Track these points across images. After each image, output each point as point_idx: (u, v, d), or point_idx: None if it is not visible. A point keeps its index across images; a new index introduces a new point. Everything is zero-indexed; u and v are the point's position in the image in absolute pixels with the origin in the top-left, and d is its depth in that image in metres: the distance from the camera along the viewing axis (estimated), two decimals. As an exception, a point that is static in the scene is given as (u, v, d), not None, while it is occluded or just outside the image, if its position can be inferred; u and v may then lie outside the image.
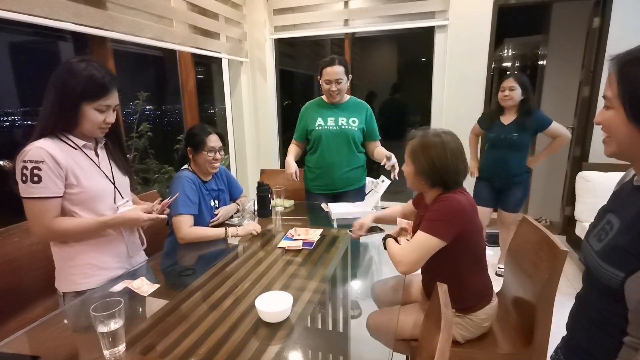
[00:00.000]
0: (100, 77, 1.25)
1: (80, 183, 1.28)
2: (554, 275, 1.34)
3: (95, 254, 1.37)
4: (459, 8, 3.21)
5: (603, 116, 0.84)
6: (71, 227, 1.28)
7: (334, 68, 2.15)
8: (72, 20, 1.99)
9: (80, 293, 1.34)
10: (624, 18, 2.86)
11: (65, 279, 1.35)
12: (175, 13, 2.75)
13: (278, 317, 1.12)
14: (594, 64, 3.06)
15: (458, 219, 1.28)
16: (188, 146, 1.87)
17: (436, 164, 1.31)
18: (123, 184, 1.47)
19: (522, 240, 1.63)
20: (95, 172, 1.35)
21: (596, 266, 0.83)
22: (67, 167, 1.25)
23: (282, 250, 1.65)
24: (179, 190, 1.74)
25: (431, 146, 1.32)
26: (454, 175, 1.33)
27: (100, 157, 1.39)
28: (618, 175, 2.97)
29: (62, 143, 1.27)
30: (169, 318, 1.17)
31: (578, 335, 0.93)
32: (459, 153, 1.33)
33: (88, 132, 1.31)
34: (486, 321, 1.46)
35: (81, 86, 1.22)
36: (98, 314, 0.97)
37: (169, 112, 3.70)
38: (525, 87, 2.50)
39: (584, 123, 3.19)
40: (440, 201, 1.33)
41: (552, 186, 4.16)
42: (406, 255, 1.30)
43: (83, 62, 1.25)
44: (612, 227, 0.84)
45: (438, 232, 1.27)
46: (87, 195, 1.31)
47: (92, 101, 1.25)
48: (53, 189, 1.22)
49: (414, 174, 1.38)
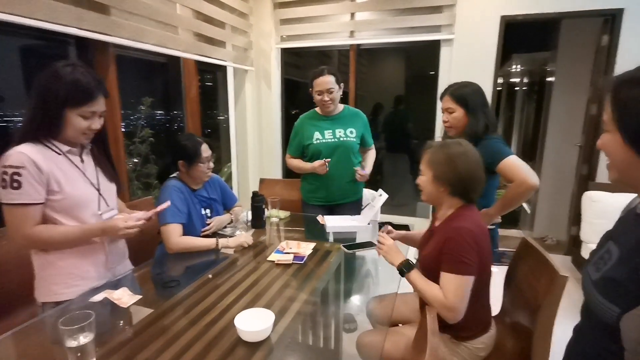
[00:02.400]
0: (85, 82, 1.21)
1: (62, 189, 1.24)
2: (553, 302, 1.28)
3: (77, 263, 1.33)
4: (465, 22, 3.18)
5: (602, 140, 0.81)
6: (51, 235, 1.24)
7: (325, 78, 2.14)
8: (75, 25, 2.00)
9: (60, 303, 1.30)
10: (633, 36, 2.81)
11: (45, 288, 1.31)
12: (181, 20, 2.76)
13: (258, 336, 1.08)
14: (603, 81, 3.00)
15: (476, 249, 1.24)
16: (179, 159, 1.80)
17: (461, 172, 1.29)
18: (108, 191, 1.43)
19: (522, 263, 1.57)
20: (79, 178, 1.31)
21: (592, 298, 0.78)
22: (49, 173, 1.21)
23: (271, 264, 1.60)
24: (167, 199, 1.70)
25: (455, 155, 1.30)
26: (476, 184, 1.31)
27: (85, 163, 1.35)
28: (625, 196, 2.87)
29: (46, 148, 1.24)
30: (148, 331, 1.13)
31: None
32: (479, 163, 1.31)
33: (71, 138, 1.27)
34: (482, 350, 1.40)
35: (65, 91, 1.19)
36: (66, 328, 0.93)
37: (173, 118, 3.70)
38: (467, 105, 1.71)
39: (591, 141, 3.12)
40: (454, 235, 1.26)
41: (558, 204, 4.07)
42: (454, 303, 1.22)
43: (69, 67, 1.21)
44: (611, 257, 0.79)
45: (466, 270, 1.22)
46: (69, 202, 1.27)
47: (75, 107, 1.21)
48: (33, 196, 1.19)
49: (431, 181, 1.34)
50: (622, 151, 0.75)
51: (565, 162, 3.98)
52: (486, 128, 1.70)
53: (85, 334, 0.95)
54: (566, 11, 2.94)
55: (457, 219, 1.31)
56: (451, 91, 1.76)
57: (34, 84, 1.21)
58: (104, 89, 1.28)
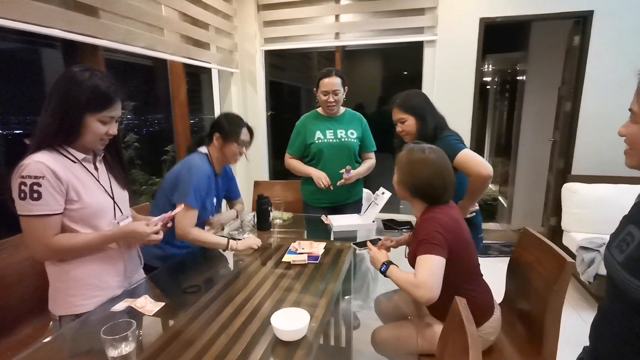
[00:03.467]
0: (105, 87, 1.20)
1: (81, 199, 1.21)
2: (562, 287, 1.36)
3: (96, 273, 1.29)
4: (447, 24, 3.30)
5: (628, 129, 0.85)
6: (72, 244, 1.20)
7: (332, 79, 2.16)
8: (65, 28, 1.93)
9: (79, 316, 1.25)
10: (603, 36, 3.01)
11: (62, 300, 1.26)
12: (167, 22, 2.71)
13: (295, 335, 1.09)
14: (575, 79, 3.19)
15: (444, 234, 1.32)
16: (217, 131, 1.77)
17: (415, 177, 1.40)
18: (122, 199, 1.40)
19: (525, 252, 1.65)
20: (95, 186, 1.28)
21: (621, 278, 0.83)
22: (67, 182, 1.18)
23: (287, 265, 1.62)
24: (192, 179, 1.65)
25: (414, 161, 1.41)
26: (431, 191, 1.40)
27: (99, 171, 1.32)
28: (602, 186, 3.06)
29: (61, 156, 1.20)
30: (181, 337, 1.11)
31: (602, 348, 0.93)
32: (440, 171, 1.39)
33: (89, 145, 1.24)
34: (492, 335, 1.47)
35: (85, 97, 1.16)
36: (110, 337, 0.92)
37: (157, 122, 3.62)
38: (415, 112, 1.81)
39: (566, 136, 3.31)
40: (423, 224, 1.39)
41: (533, 197, 4.29)
42: (423, 281, 1.26)
43: (87, 72, 1.19)
44: (634, 238, 0.84)
45: (436, 251, 1.29)
46: (87, 211, 1.24)
47: (96, 112, 1.19)
48: (54, 206, 1.15)
49: (397, 184, 1.49)
50: None
51: (538, 157, 4.19)
52: (436, 128, 1.81)
53: (127, 343, 0.94)
54: (541, 13, 3.11)
55: (428, 213, 1.42)
56: (398, 103, 1.86)
57: (51, 89, 1.17)
58: (122, 94, 1.26)
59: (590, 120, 3.16)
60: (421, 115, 1.81)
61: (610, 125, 3.06)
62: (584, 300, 2.73)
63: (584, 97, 3.14)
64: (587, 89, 3.12)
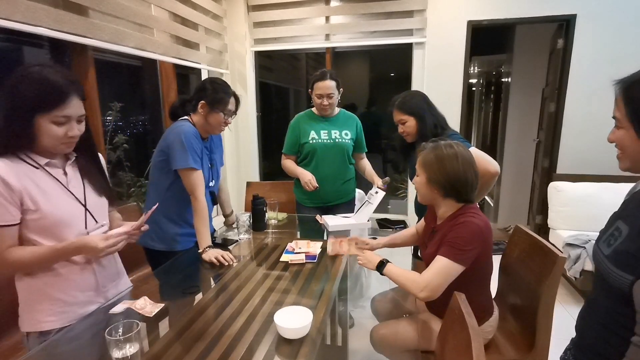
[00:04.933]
0: (54, 81, 1.05)
1: (39, 208, 1.10)
2: (554, 281, 1.40)
3: (63, 287, 1.19)
4: (436, 27, 3.35)
5: (615, 135, 0.90)
6: (26, 257, 1.09)
7: (326, 82, 2.17)
8: (53, 27, 1.89)
9: (44, 333, 1.16)
10: (586, 39, 3.11)
11: (28, 315, 1.17)
12: (157, 22, 2.69)
13: (298, 333, 1.10)
14: (559, 81, 3.28)
15: (479, 243, 1.30)
16: (202, 99, 1.69)
17: (450, 174, 1.33)
18: (97, 206, 1.26)
19: (517, 248, 1.70)
20: (60, 193, 1.16)
21: (606, 270, 0.88)
22: (21, 190, 1.06)
23: (285, 264, 1.62)
24: (183, 140, 1.60)
25: (446, 157, 1.34)
26: (466, 185, 1.34)
27: (69, 176, 1.19)
28: (587, 185, 3.14)
29: (20, 162, 1.09)
30: (184, 338, 1.11)
31: (588, 336, 0.98)
32: (472, 165, 1.35)
33: (49, 149, 1.12)
34: (490, 333, 1.51)
35: (33, 94, 1.04)
36: (114, 338, 0.91)
37: (145, 123, 3.57)
38: (414, 112, 1.85)
39: (551, 137, 3.40)
40: (459, 225, 1.32)
41: (518, 196, 4.39)
42: (430, 280, 1.27)
43: (37, 66, 1.06)
44: (621, 233, 0.89)
45: (460, 259, 1.27)
46: (48, 221, 1.12)
47: (46, 112, 1.05)
48: (5, 217, 1.05)
49: (425, 184, 1.39)
50: (636, 145, 0.85)
51: (523, 157, 4.30)
52: (436, 127, 1.84)
53: (132, 344, 0.93)
54: (526, 17, 3.19)
55: (462, 216, 1.36)
56: (397, 105, 1.89)
57: (1, 89, 1.06)
58: (79, 90, 1.11)
59: (574, 120, 3.25)
60: (420, 115, 1.84)
61: (594, 126, 3.18)
62: (570, 295, 2.81)
63: (567, 98, 3.24)
64: (571, 90, 3.22)
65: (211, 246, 1.67)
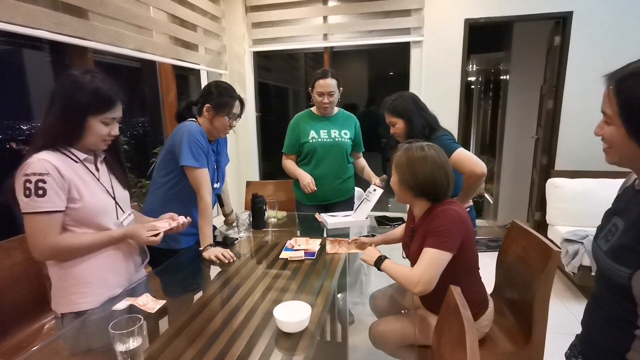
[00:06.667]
0: (106, 89, 1.23)
1: (82, 197, 1.23)
2: (549, 276, 1.42)
3: (96, 271, 1.30)
4: (433, 25, 3.38)
5: (603, 130, 0.88)
6: (76, 244, 1.22)
7: (327, 81, 2.19)
8: (54, 30, 1.92)
9: (80, 314, 1.26)
10: (582, 36, 3.13)
11: (64, 299, 1.27)
12: (155, 24, 2.71)
13: (297, 327, 1.12)
14: (557, 78, 3.30)
15: (461, 228, 1.33)
16: (208, 102, 1.72)
17: (419, 176, 1.36)
18: (123, 199, 1.42)
19: (513, 243, 1.72)
20: (96, 187, 1.30)
21: (605, 265, 0.88)
22: (70, 180, 1.20)
23: (284, 261, 1.64)
24: (191, 139, 1.63)
25: (415, 159, 1.37)
26: (435, 188, 1.37)
27: (100, 171, 1.34)
28: (585, 181, 3.16)
29: (64, 156, 1.22)
30: (185, 333, 1.13)
31: (593, 331, 0.98)
32: (441, 167, 1.37)
33: (92, 146, 1.28)
34: (487, 327, 1.52)
35: (87, 99, 1.20)
36: (118, 332, 0.93)
37: (145, 124, 3.60)
38: (403, 114, 1.88)
39: (549, 133, 3.42)
40: (439, 215, 1.36)
41: (518, 193, 4.40)
42: (422, 274, 1.29)
43: (88, 75, 1.22)
44: (618, 229, 0.89)
45: (447, 246, 1.29)
46: (88, 210, 1.25)
47: (98, 114, 1.23)
48: (57, 203, 1.17)
49: (398, 185, 1.44)
50: (626, 143, 0.82)
51: (522, 154, 4.31)
52: (424, 128, 1.86)
53: (135, 338, 0.95)
54: (523, 14, 3.21)
55: (438, 206, 1.39)
56: (387, 107, 1.94)
57: (53, 92, 1.21)
58: (122, 95, 1.29)
59: (571, 117, 3.27)
60: (408, 117, 1.87)
61: (591, 122, 3.12)
62: (568, 291, 2.83)
63: (565, 95, 3.26)
64: (568, 87, 3.24)
65: (212, 244, 1.71)
